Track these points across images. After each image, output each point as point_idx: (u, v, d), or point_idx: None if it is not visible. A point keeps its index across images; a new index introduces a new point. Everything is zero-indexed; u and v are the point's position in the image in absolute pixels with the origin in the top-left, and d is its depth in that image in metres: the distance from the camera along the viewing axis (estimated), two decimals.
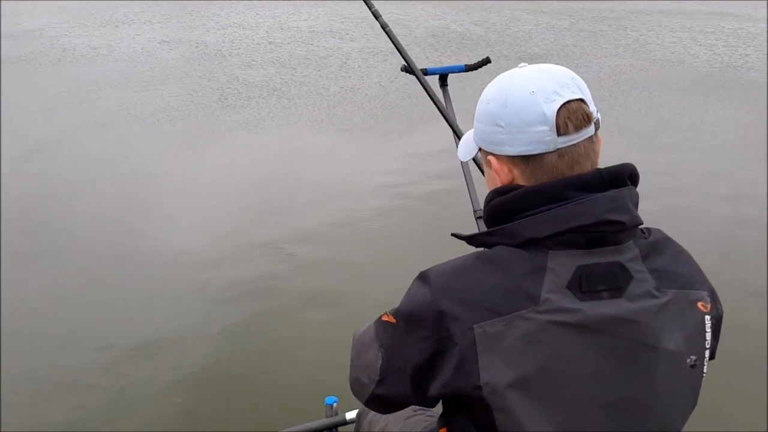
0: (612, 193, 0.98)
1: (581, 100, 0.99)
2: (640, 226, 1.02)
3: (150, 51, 10.83)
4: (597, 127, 1.01)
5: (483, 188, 1.17)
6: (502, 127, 1.02)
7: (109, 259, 4.62)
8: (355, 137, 7.30)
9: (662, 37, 12.05)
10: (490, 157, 1.06)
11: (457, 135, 1.96)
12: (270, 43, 11.52)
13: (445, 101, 2.14)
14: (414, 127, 7.45)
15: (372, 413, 1.64)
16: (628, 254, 0.98)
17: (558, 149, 0.99)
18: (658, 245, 1.03)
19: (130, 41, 11.44)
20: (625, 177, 1.01)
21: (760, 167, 6.16)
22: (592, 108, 1.01)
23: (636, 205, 1.01)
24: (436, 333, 0.98)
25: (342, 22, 13.04)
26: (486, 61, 2.28)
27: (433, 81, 2.21)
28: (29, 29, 12.13)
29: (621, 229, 0.97)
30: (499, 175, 1.05)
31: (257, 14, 13.86)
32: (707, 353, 1.03)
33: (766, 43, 9.94)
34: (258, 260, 4.62)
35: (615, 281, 0.97)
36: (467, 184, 1.98)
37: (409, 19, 13.23)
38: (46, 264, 4.54)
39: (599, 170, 1.00)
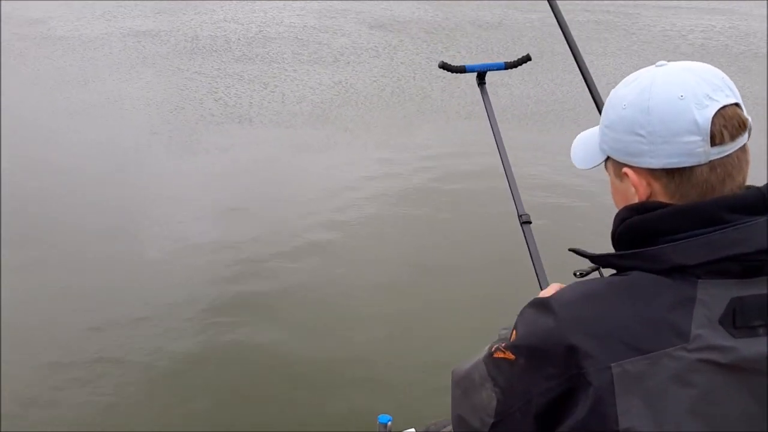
0: None
1: (736, 104, 0.89)
2: None
3: (138, 44, 10.82)
4: (750, 134, 0.90)
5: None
6: (643, 136, 0.90)
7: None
8: (352, 133, 7.31)
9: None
10: (626, 170, 0.94)
11: (497, 137, 1.89)
12: (264, 38, 11.49)
13: (484, 100, 2.03)
14: (410, 124, 7.46)
15: None
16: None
17: (710, 161, 0.88)
18: None
19: (122, 35, 11.43)
20: None
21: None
22: (745, 111, 0.90)
23: None
24: (565, 371, 0.87)
25: (333, 18, 13.02)
26: (526, 59, 2.15)
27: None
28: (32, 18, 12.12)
29: None
30: (637, 190, 0.93)
31: (252, 11, 13.81)
32: None
33: (766, 44, 9.91)
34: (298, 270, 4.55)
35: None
36: (510, 185, 1.80)
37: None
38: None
39: (759, 189, 0.89)
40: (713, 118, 0.86)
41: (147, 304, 4.03)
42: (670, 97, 0.88)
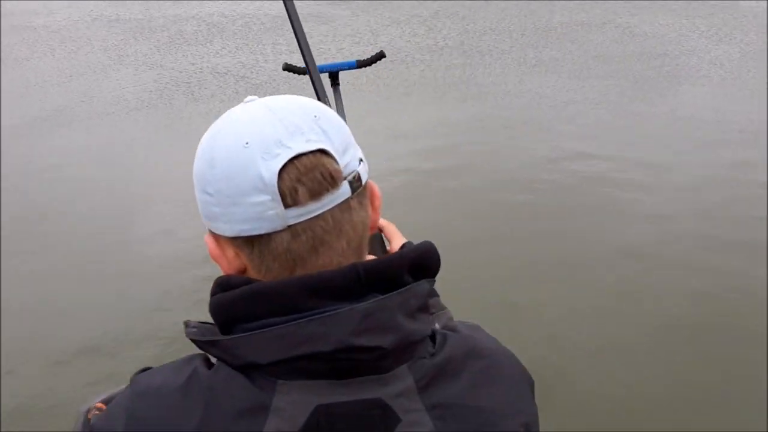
0: (367, 305, 0.69)
1: (322, 151, 0.70)
2: (433, 336, 0.75)
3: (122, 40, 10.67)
4: (356, 187, 0.72)
5: None
6: (211, 195, 0.72)
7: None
8: None
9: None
10: (207, 236, 0.76)
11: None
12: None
13: (336, 104, 1.82)
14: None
15: None
16: (396, 386, 0.70)
17: (290, 226, 0.69)
18: (451, 366, 0.74)
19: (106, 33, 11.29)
20: (401, 272, 0.72)
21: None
22: (346, 160, 0.72)
23: (422, 310, 0.73)
24: None
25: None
26: (380, 56, 2.03)
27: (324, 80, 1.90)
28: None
29: (381, 355, 0.69)
30: (225, 261, 0.75)
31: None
32: None
33: (766, 44, 9.56)
34: None
35: (372, 427, 0.69)
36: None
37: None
38: None
39: (355, 267, 0.70)
40: (281, 171, 0.68)
41: (150, 305, 3.94)
42: (235, 146, 0.70)
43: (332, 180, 0.69)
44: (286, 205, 0.68)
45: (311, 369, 0.68)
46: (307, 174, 0.69)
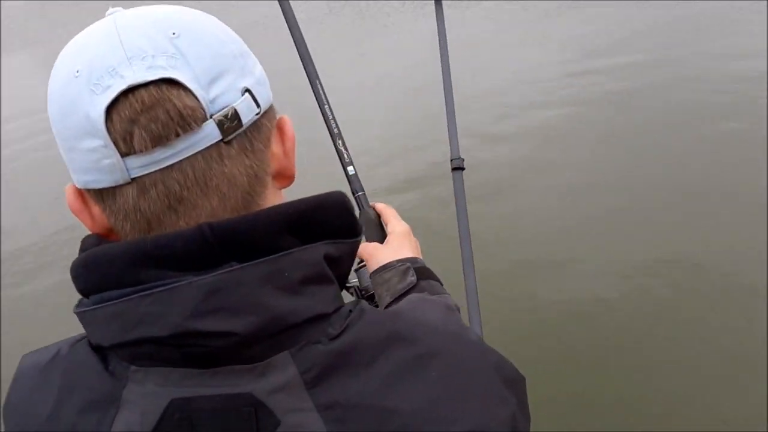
0: (213, 278, 0.53)
1: (170, 81, 0.53)
2: (336, 316, 0.58)
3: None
4: (231, 128, 0.56)
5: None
6: (56, 137, 0.58)
7: None
8: None
9: None
10: (70, 186, 0.61)
11: (444, 65, 1.51)
12: None
13: (438, 21, 1.56)
14: None
15: None
16: (273, 379, 0.54)
17: (136, 179, 0.55)
18: (359, 354, 0.56)
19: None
20: (272, 233, 0.55)
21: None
22: (215, 92, 0.55)
23: (312, 281, 0.56)
24: None
25: None
26: None
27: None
28: None
29: (238, 342, 0.53)
30: (88, 217, 0.61)
31: None
32: None
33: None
34: None
35: (241, 429, 0.53)
36: (448, 121, 1.43)
37: None
38: None
39: (200, 227, 0.54)
40: (111, 108, 0.53)
41: None
42: (67, 76, 0.55)
43: (182, 119, 0.53)
44: (123, 153, 0.54)
45: (164, 355, 0.53)
46: (145, 112, 0.53)
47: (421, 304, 0.68)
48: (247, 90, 0.58)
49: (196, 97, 0.54)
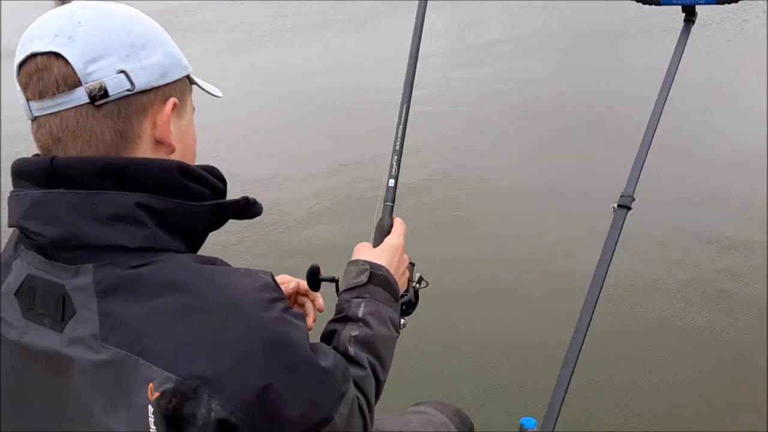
0: (37, 194, 0.77)
1: (57, 55, 0.77)
2: (153, 256, 0.77)
3: None
4: (97, 96, 0.78)
5: None
6: None
7: None
8: None
9: None
10: None
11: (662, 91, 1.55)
12: None
13: (678, 43, 1.58)
14: None
15: None
16: (78, 281, 0.76)
17: (36, 117, 0.80)
18: (143, 287, 0.75)
19: None
20: (91, 174, 0.77)
21: None
22: (92, 68, 0.77)
23: (123, 220, 0.76)
24: None
25: None
26: None
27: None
28: None
29: (53, 244, 0.77)
30: None
31: None
32: None
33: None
34: None
35: (55, 309, 0.77)
36: (637, 156, 1.52)
37: None
38: None
39: (51, 158, 0.78)
40: (21, 66, 0.80)
41: None
42: (23, 37, 0.81)
43: (57, 83, 0.77)
44: (27, 98, 0.79)
45: (32, 242, 0.79)
46: (36, 73, 0.77)
47: (242, 275, 0.80)
48: (123, 71, 0.79)
49: (73, 69, 0.77)
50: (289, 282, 1.20)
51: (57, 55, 0.77)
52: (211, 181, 0.85)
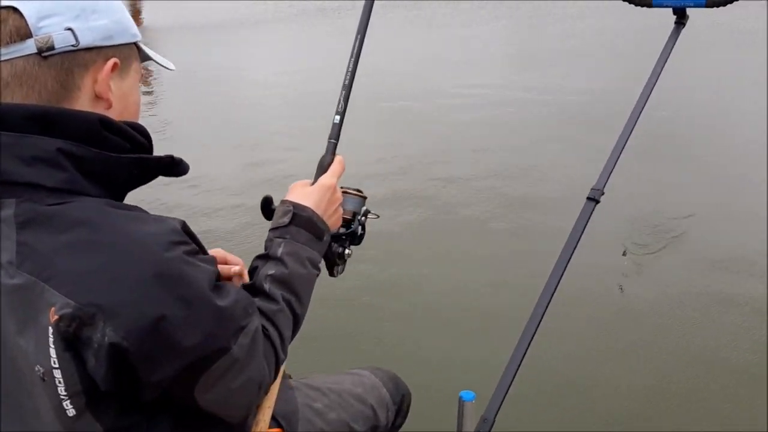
0: None
1: (13, 9, 0.88)
2: (72, 194, 0.87)
3: None
4: (44, 49, 0.88)
5: None
6: None
7: None
8: None
9: None
10: None
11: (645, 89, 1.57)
12: None
13: (666, 45, 1.58)
14: None
15: None
16: (5, 212, 0.86)
17: None
18: (56, 222, 0.85)
19: None
20: (16, 119, 0.86)
21: None
22: (43, 23, 0.89)
23: (45, 162, 0.86)
24: None
25: None
26: None
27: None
28: None
29: None
30: None
31: None
32: (59, 374, 0.84)
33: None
34: None
35: None
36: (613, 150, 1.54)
37: None
38: None
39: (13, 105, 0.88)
40: None
41: None
42: None
43: (11, 34, 0.87)
44: None
45: None
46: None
47: (151, 219, 0.89)
48: (70, 29, 0.89)
49: (26, 22, 0.87)
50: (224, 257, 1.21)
51: (15, 9, 0.88)
52: (131, 134, 0.93)
